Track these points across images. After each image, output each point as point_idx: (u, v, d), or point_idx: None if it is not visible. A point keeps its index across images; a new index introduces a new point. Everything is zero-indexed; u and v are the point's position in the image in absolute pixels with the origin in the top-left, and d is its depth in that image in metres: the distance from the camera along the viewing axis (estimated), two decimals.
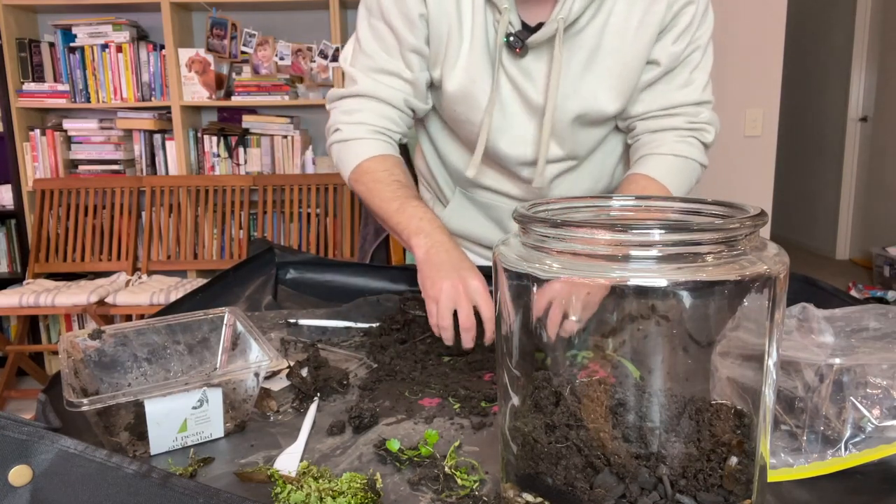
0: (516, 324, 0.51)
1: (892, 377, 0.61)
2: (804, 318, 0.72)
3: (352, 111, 1.08)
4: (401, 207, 0.99)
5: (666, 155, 1.06)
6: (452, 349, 0.91)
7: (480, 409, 0.75)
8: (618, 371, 0.50)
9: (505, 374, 0.53)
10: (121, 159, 3.34)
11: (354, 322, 1.04)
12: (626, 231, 0.45)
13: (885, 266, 4.53)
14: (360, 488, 0.57)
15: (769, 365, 0.48)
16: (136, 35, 3.28)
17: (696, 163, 1.08)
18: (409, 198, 1.01)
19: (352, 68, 1.09)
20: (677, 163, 1.06)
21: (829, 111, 5.56)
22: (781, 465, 0.60)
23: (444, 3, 1.01)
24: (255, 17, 3.33)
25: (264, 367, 0.70)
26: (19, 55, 3.23)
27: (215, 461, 0.65)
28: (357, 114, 1.08)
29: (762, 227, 0.48)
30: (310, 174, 3.32)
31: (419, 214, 0.98)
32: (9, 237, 3.42)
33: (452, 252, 0.93)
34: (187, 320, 0.81)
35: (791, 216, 5.99)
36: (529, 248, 0.50)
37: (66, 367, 0.68)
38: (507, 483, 0.55)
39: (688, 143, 1.08)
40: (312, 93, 3.32)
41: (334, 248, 3.31)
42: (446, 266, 0.91)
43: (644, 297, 0.46)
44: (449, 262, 0.91)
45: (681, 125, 1.07)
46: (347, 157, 1.08)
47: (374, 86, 1.07)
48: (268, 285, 1.20)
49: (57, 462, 0.49)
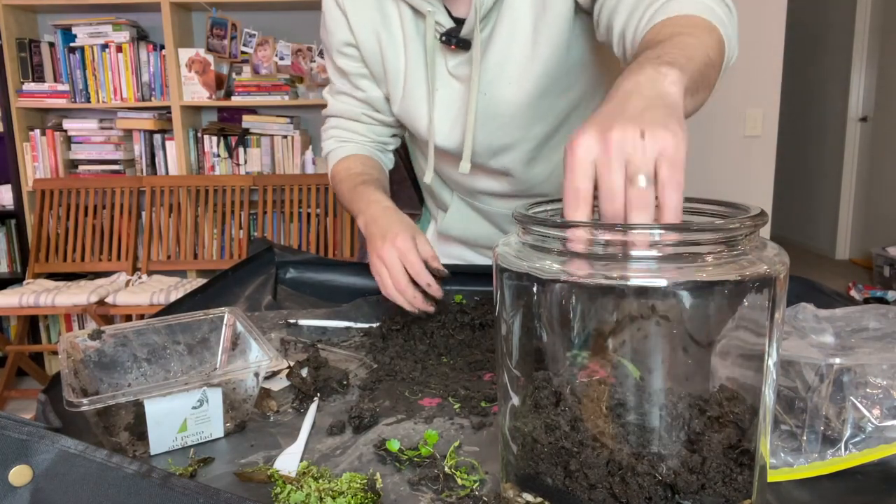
0: (516, 324, 0.51)
1: (892, 377, 0.61)
2: (804, 318, 0.72)
3: (327, 129, 1.21)
4: (353, 198, 1.07)
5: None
6: (422, 312, 0.94)
7: (480, 409, 0.75)
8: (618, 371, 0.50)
9: (505, 374, 0.53)
10: (121, 159, 3.34)
11: (354, 322, 1.04)
12: (626, 231, 0.45)
13: (885, 266, 4.53)
14: (360, 488, 0.57)
15: (769, 365, 0.48)
16: (136, 35, 3.29)
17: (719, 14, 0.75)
18: (358, 185, 1.07)
19: (325, 94, 1.21)
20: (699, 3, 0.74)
21: (829, 111, 5.56)
22: (781, 465, 0.60)
23: (368, 26, 1.06)
24: (255, 17, 3.33)
25: (264, 367, 0.70)
26: (19, 55, 3.23)
27: (215, 461, 0.65)
28: (330, 130, 1.20)
29: (762, 227, 0.48)
30: (310, 174, 3.32)
31: (365, 198, 1.03)
32: (9, 237, 3.42)
33: (380, 219, 0.98)
34: (187, 320, 0.81)
35: (791, 216, 5.99)
36: (529, 248, 0.50)
37: (66, 367, 0.68)
38: (507, 483, 0.55)
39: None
40: (312, 93, 3.32)
41: (334, 248, 3.31)
42: (377, 235, 0.96)
43: (644, 297, 0.46)
44: (378, 231, 0.96)
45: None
46: (328, 164, 1.19)
47: (337, 105, 1.18)
48: (268, 285, 1.20)
49: (57, 462, 0.49)
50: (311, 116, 3.49)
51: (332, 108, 1.19)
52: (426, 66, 1.04)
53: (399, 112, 1.11)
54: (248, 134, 3.36)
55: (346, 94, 1.16)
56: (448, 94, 1.05)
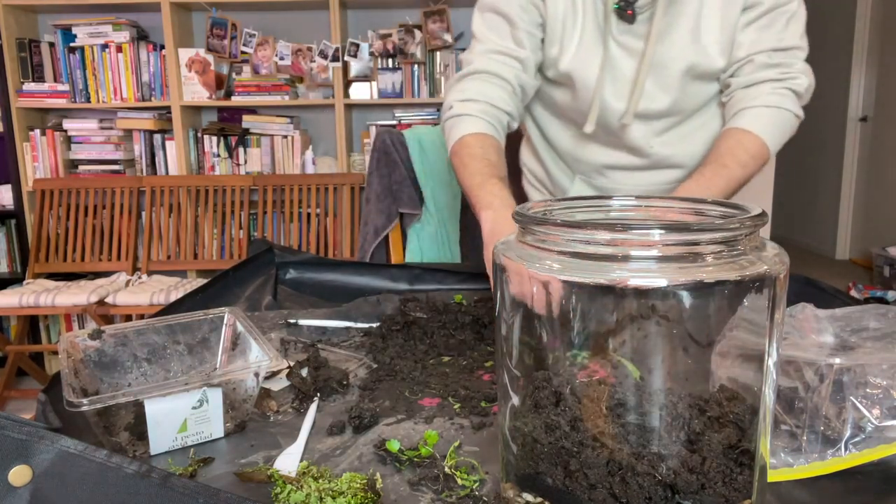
0: (516, 324, 0.51)
1: (892, 377, 0.61)
2: (804, 318, 0.72)
3: (464, 90, 1.18)
4: (482, 182, 1.05)
5: (760, 107, 1.11)
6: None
7: (480, 409, 0.75)
8: (618, 371, 0.50)
9: (505, 374, 0.53)
10: (121, 159, 3.34)
11: (354, 322, 1.04)
12: (626, 231, 0.45)
13: (885, 266, 4.53)
14: (360, 488, 0.57)
15: (769, 365, 0.48)
16: (136, 35, 3.29)
17: (790, 113, 1.13)
18: (492, 176, 1.06)
19: (467, 55, 1.21)
20: (772, 114, 1.11)
21: (829, 111, 5.56)
22: (781, 465, 0.60)
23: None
24: (255, 17, 3.34)
25: (264, 367, 0.70)
26: (19, 55, 3.23)
27: (215, 461, 0.65)
28: (468, 92, 1.17)
29: (762, 227, 0.48)
30: (310, 174, 3.33)
31: (495, 192, 1.02)
32: (9, 237, 3.42)
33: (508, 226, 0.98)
34: (187, 320, 0.81)
35: (791, 216, 5.99)
36: (529, 248, 0.50)
37: (66, 367, 0.68)
38: (507, 483, 0.55)
39: (780, 94, 1.12)
40: (312, 93, 3.32)
41: (334, 248, 3.31)
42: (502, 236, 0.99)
43: (644, 297, 0.46)
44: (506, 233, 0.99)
45: (774, 76, 1.12)
46: (453, 132, 1.16)
47: (486, 63, 1.18)
48: (268, 285, 1.20)
49: (57, 462, 0.49)
50: (311, 116, 3.49)
51: (477, 65, 1.19)
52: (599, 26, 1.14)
53: (567, 68, 1.17)
54: (248, 134, 3.36)
55: (501, 53, 1.17)
56: (617, 57, 1.15)
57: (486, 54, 1.18)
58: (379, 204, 1.94)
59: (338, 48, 3.18)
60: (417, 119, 3.34)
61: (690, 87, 1.16)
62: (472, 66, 1.19)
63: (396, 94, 3.31)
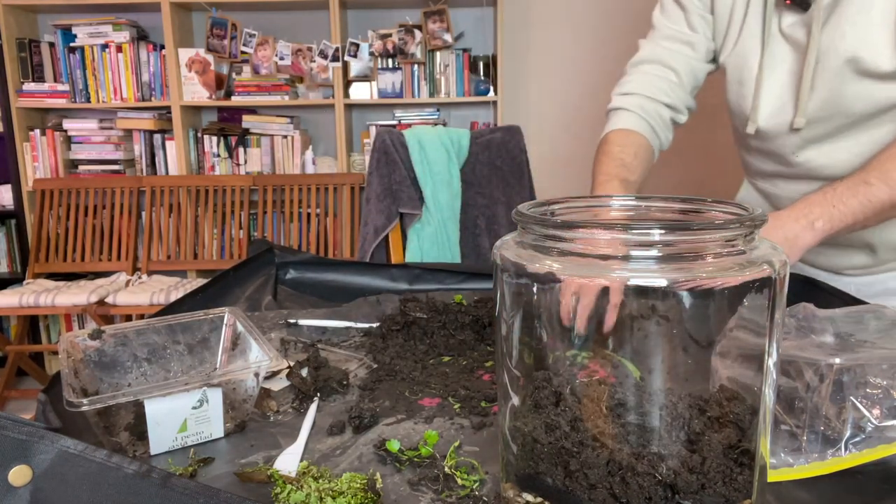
0: (516, 324, 0.51)
1: (892, 377, 0.61)
2: (804, 318, 0.71)
3: (624, 83, 1.17)
4: (602, 182, 1.05)
5: None
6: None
7: (480, 409, 0.75)
8: (618, 371, 0.50)
9: (505, 374, 0.53)
10: (121, 159, 3.34)
11: (354, 322, 1.04)
12: (626, 231, 0.45)
13: None
14: (360, 488, 0.57)
15: (769, 365, 0.48)
16: (136, 35, 3.29)
17: None
18: (615, 177, 1.05)
19: (641, 41, 1.18)
20: None
21: None
22: (781, 465, 0.60)
23: None
24: (255, 17, 3.34)
25: (264, 367, 0.70)
26: (19, 55, 3.23)
27: (215, 461, 0.65)
28: (627, 85, 1.16)
29: (762, 227, 0.48)
30: (310, 174, 3.32)
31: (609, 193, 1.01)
32: (9, 237, 3.42)
33: None
34: (187, 320, 0.81)
35: None
36: (529, 248, 0.50)
37: (66, 367, 0.68)
38: (507, 483, 0.55)
39: None
40: (312, 93, 3.32)
41: (334, 248, 3.31)
42: None
43: (644, 297, 0.46)
44: None
45: None
46: (605, 127, 1.16)
47: (653, 51, 1.16)
48: (268, 285, 1.20)
49: (57, 462, 0.49)
50: (311, 116, 3.49)
51: (645, 53, 1.17)
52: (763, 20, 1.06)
53: (727, 61, 1.11)
54: (248, 134, 3.36)
55: (672, 39, 1.14)
56: (779, 51, 1.05)
57: (656, 41, 1.16)
58: (379, 204, 1.95)
59: (338, 48, 3.18)
60: (417, 119, 3.34)
61: (850, 85, 0.98)
62: (639, 55, 1.17)
63: (396, 94, 3.31)
